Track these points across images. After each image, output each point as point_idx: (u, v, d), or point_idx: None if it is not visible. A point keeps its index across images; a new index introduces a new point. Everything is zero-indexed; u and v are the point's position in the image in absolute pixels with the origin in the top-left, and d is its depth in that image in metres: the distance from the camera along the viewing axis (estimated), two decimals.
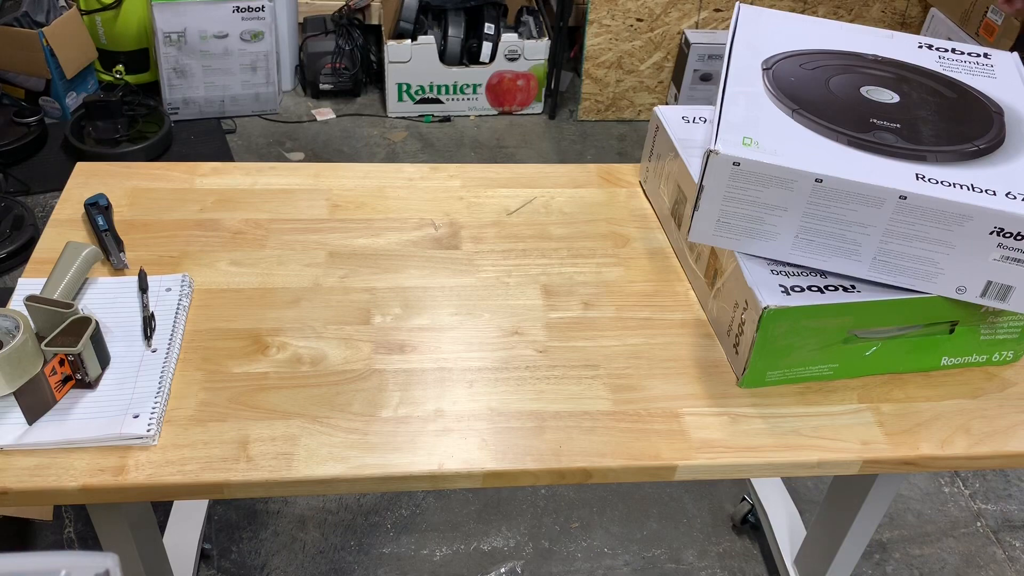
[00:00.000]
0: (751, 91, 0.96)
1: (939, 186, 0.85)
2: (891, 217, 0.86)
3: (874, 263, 0.89)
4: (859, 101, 0.97)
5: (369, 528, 1.63)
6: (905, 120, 0.94)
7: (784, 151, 0.87)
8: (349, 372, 0.90)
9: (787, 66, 1.02)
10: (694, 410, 0.88)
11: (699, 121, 1.13)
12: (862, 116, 0.94)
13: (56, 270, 0.94)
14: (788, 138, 0.89)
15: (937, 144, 0.91)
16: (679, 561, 1.62)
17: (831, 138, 0.90)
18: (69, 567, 0.59)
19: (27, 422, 0.80)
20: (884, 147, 0.90)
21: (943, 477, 1.83)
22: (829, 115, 0.93)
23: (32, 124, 2.55)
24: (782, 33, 1.07)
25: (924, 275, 0.88)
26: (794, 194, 0.87)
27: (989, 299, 0.88)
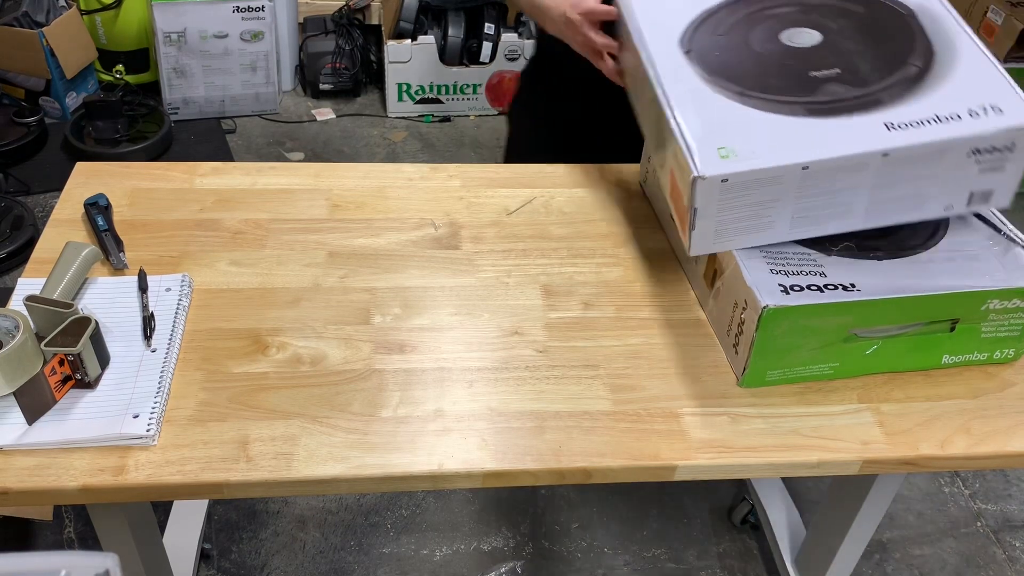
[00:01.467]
0: (690, 88, 0.94)
1: (910, 131, 0.88)
2: (876, 173, 0.88)
3: (867, 214, 0.92)
4: (788, 54, 0.97)
5: (369, 528, 1.63)
6: (839, 62, 0.95)
7: (761, 150, 0.88)
8: (349, 372, 0.90)
9: (703, 40, 0.99)
10: (694, 410, 0.88)
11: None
12: (801, 73, 0.94)
13: (56, 270, 0.93)
14: (755, 132, 0.89)
15: (882, 78, 0.93)
16: (679, 561, 1.62)
17: (790, 113, 0.90)
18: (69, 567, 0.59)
19: (27, 422, 0.80)
20: (841, 104, 0.91)
21: (943, 477, 1.83)
22: (773, 86, 0.93)
23: (32, 124, 2.55)
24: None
25: (914, 207, 0.92)
26: (784, 186, 0.88)
27: (974, 206, 0.93)
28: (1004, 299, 0.90)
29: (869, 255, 0.93)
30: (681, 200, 0.90)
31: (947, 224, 0.99)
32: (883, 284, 0.89)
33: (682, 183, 0.89)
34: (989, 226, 0.99)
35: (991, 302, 0.90)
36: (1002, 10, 2.49)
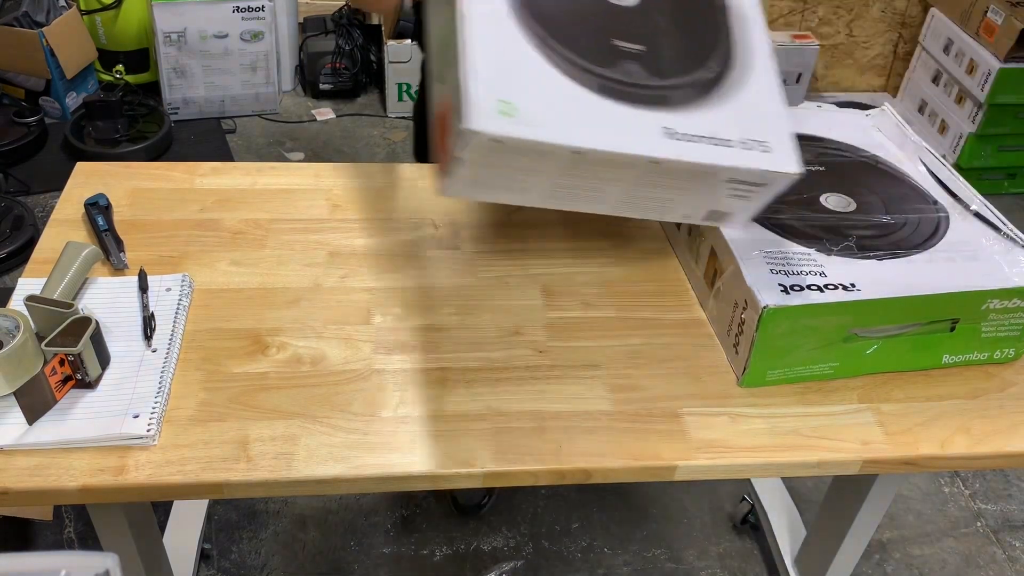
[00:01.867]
0: (494, 10, 0.84)
1: (685, 144, 0.87)
2: (641, 174, 0.88)
3: (617, 205, 0.92)
4: (603, 8, 0.91)
5: (369, 528, 1.63)
6: (647, 37, 0.91)
7: (542, 118, 0.82)
8: (349, 372, 0.90)
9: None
10: (694, 410, 0.88)
11: None
12: (607, 39, 0.90)
13: (56, 270, 0.93)
14: (542, 94, 0.83)
15: (678, 74, 0.91)
16: (679, 561, 1.62)
17: (583, 83, 0.86)
18: (69, 567, 0.59)
19: (27, 422, 0.80)
20: (633, 91, 0.88)
21: (943, 477, 1.83)
22: (577, 43, 0.87)
23: (32, 124, 2.55)
24: None
25: (659, 210, 0.93)
26: (552, 162, 0.85)
27: (709, 221, 0.94)
28: (1004, 299, 0.90)
29: (869, 255, 0.93)
30: (446, 134, 0.84)
31: (947, 224, 0.99)
32: (883, 284, 0.89)
33: (453, 120, 0.81)
34: (989, 226, 0.99)
35: (991, 302, 0.90)
36: (1002, 10, 2.49)
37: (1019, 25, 2.42)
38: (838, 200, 1.01)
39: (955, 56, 2.70)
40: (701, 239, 1.00)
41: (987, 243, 0.96)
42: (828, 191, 1.02)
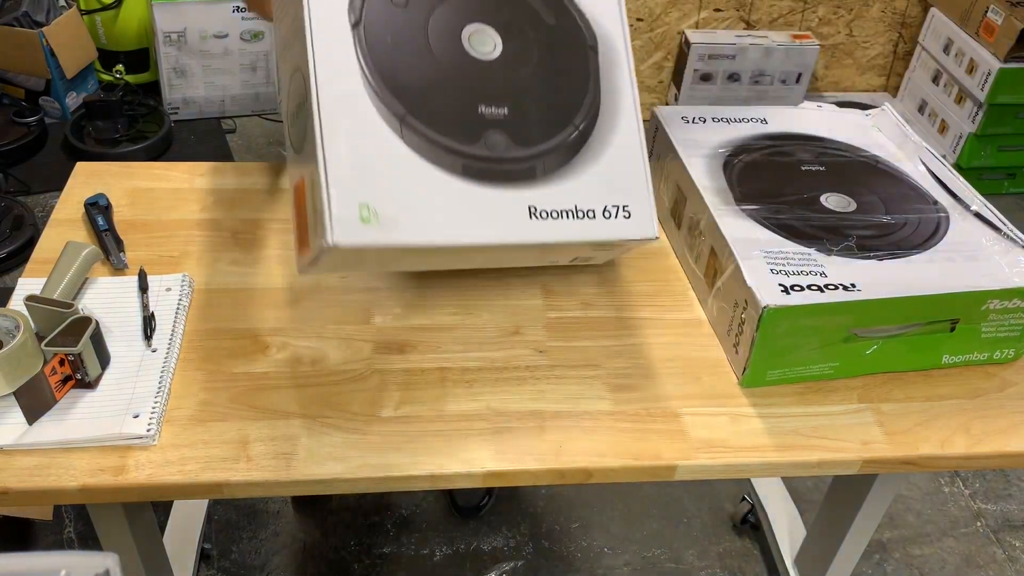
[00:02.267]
0: (349, 94, 0.78)
1: (549, 223, 0.85)
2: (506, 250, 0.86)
3: (486, 263, 0.93)
4: (465, 68, 0.84)
5: (369, 528, 1.63)
6: (510, 95, 0.86)
7: (403, 216, 0.79)
8: (349, 372, 0.90)
9: (377, 8, 0.81)
10: (694, 410, 0.88)
11: (699, 121, 1.13)
12: (470, 104, 0.85)
13: (56, 270, 0.93)
14: (404, 188, 0.79)
15: (543, 138, 0.87)
16: (679, 561, 1.62)
17: (447, 167, 0.82)
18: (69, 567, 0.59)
19: (27, 422, 0.80)
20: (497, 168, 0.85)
21: (943, 477, 1.83)
22: (439, 116, 0.82)
23: (32, 124, 2.55)
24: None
25: (527, 262, 0.95)
26: (415, 252, 0.82)
27: (571, 263, 0.96)
28: (1004, 299, 0.90)
29: (869, 255, 0.93)
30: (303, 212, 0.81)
31: (947, 224, 0.99)
32: (883, 284, 0.89)
33: (312, 217, 0.78)
34: (989, 226, 0.99)
35: (991, 302, 0.90)
36: (1002, 10, 2.49)
37: (1019, 25, 2.42)
38: (838, 200, 1.01)
39: (955, 56, 2.70)
40: (701, 239, 1.00)
41: (987, 243, 0.96)
42: (828, 191, 1.02)
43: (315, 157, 0.76)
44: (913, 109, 2.97)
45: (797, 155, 1.09)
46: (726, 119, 1.14)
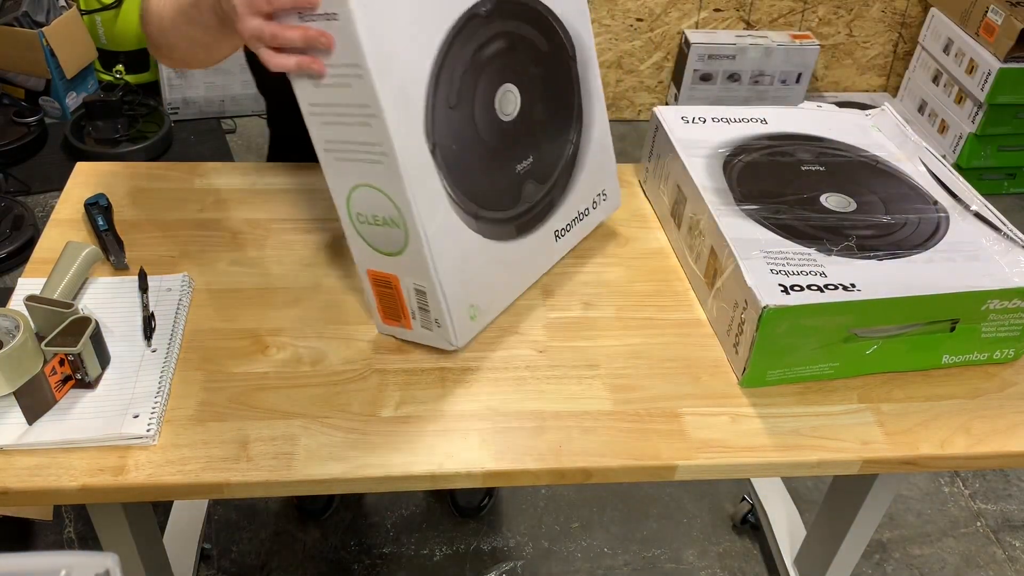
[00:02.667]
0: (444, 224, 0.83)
1: (566, 237, 1.01)
2: None
3: None
4: (503, 137, 0.89)
5: (369, 528, 1.63)
6: (532, 143, 0.93)
7: (491, 303, 0.93)
8: (349, 372, 0.90)
9: (442, 122, 0.81)
10: (694, 410, 0.88)
11: (699, 121, 1.13)
12: (510, 170, 0.91)
13: (56, 270, 0.93)
14: (489, 275, 0.91)
15: (554, 167, 0.97)
16: (679, 561, 1.62)
17: (506, 237, 0.92)
18: (69, 567, 0.59)
19: (27, 422, 0.80)
20: (535, 211, 0.95)
21: (943, 477, 1.83)
22: (493, 195, 0.88)
23: (32, 124, 2.55)
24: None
25: None
26: None
27: None
28: (1004, 299, 0.90)
29: (869, 255, 0.93)
30: (397, 304, 0.89)
31: (947, 224, 0.99)
32: (883, 284, 0.89)
33: (417, 312, 0.88)
34: (989, 226, 0.99)
35: (991, 302, 0.90)
36: (1002, 10, 2.49)
37: (1019, 25, 2.42)
38: (838, 200, 1.01)
39: (955, 56, 2.70)
40: (701, 239, 1.00)
41: (987, 243, 0.96)
42: (828, 191, 1.02)
43: (425, 274, 0.84)
44: (913, 109, 2.97)
45: (797, 155, 1.09)
46: (726, 119, 1.14)
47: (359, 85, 0.75)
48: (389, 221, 0.82)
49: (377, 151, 0.78)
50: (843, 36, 3.01)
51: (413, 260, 0.84)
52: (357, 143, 0.79)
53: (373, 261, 0.87)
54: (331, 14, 0.73)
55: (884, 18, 2.99)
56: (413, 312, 0.88)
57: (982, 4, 2.57)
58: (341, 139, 0.80)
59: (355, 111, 0.77)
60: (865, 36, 3.02)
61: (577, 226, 1.02)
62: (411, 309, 0.88)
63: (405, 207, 0.80)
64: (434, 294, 0.85)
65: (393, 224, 0.82)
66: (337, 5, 0.72)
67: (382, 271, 0.87)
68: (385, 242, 0.85)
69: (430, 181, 0.81)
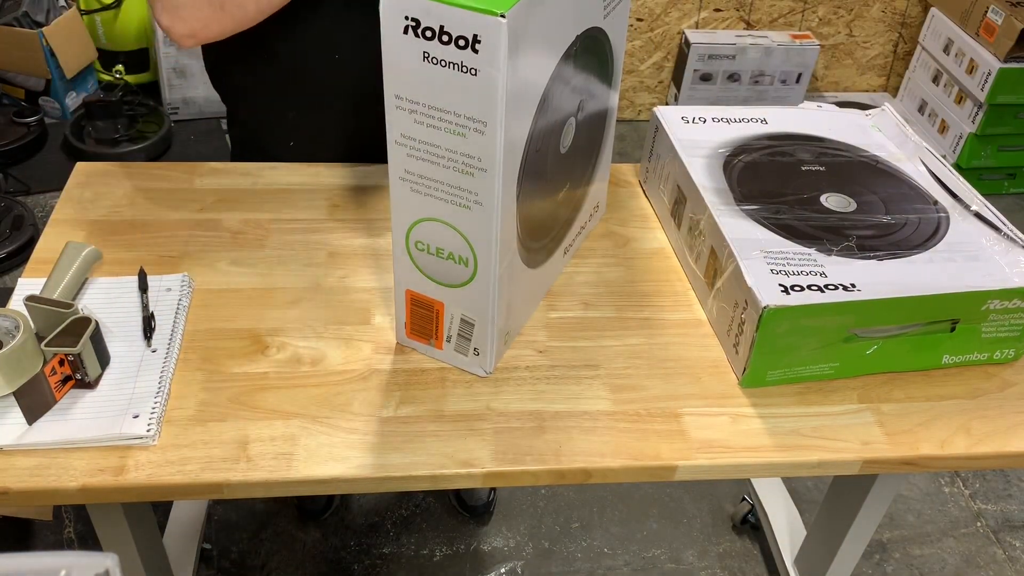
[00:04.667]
0: (510, 232, 0.82)
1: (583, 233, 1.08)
2: None
3: None
4: (556, 158, 0.88)
5: (369, 528, 1.63)
6: (571, 170, 0.94)
7: (515, 321, 0.93)
8: (349, 372, 0.90)
9: (530, 165, 0.80)
10: (694, 410, 0.88)
11: (699, 121, 1.13)
12: (556, 191, 0.91)
13: (56, 270, 0.93)
14: (521, 298, 0.92)
15: (585, 164, 0.98)
16: (679, 561, 1.62)
17: (540, 263, 0.94)
18: (69, 567, 0.59)
19: (27, 422, 0.80)
20: (554, 242, 0.97)
21: (943, 477, 1.83)
22: (540, 226, 0.89)
23: (32, 124, 2.55)
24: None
25: None
26: None
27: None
28: (1004, 299, 0.90)
29: (869, 255, 0.93)
30: (430, 322, 0.89)
31: (947, 224, 0.99)
32: (883, 284, 0.89)
33: (451, 334, 0.89)
34: (989, 226, 0.99)
35: (991, 302, 0.90)
36: (1002, 10, 2.49)
37: (1019, 25, 2.42)
38: (838, 200, 1.01)
39: (955, 56, 2.70)
40: (701, 239, 1.00)
41: (987, 243, 0.96)
42: (828, 191, 1.02)
43: (481, 310, 0.84)
44: (913, 109, 2.97)
45: (797, 155, 1.09)
46: (726, 119, 1.14)
47: (477, 139, 0.72)
48: (456, 258, 0.81)
49: (471, 199, 0.76)
50: (843, 36, 3.01)
51: (472, 295, 0.83)
52: (448, 185, 0.76)
53: (419, 285, 0.86)
54: (471, 68, 0.69)
55: (884, 18, 2.99)
56: (450, 336, 0.88)
57: (982, 4, 2.57)
58: (428, 176, 0.77)
59: (460, 159, 0.74)
60: (865, 36, 3.02)
61: (578, 240, 1.05)
62: (448, 335, 0.88)
63: (484, 251, 0.79)
64: (483, 327, 0.85)
65: (461, 262, 0.81)
66: (484, 64, 0.68)
67: (427, 296, 0.87)
68: (443, 274, 0.84)
69: (510, 224, 0.80)
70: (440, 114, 0.72)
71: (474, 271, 0.81)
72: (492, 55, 0.67)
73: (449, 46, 0.68)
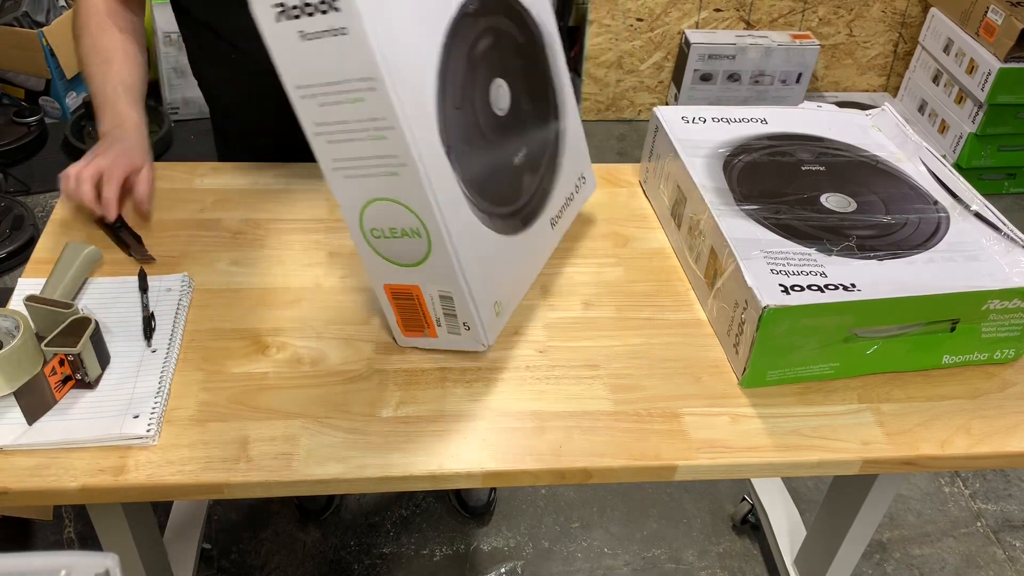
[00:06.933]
0: (465, 224, 0.83)
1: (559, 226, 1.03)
2: None
3: None
4: (502, 133, 0.90)
5: (369, 528, 1.63)
6: (521, 132, 0.93)
7: (511, 300, 0.95)
8: (349, 372, 0.90)
9: (453, 124, 0.81)
10: (694, 410, 0.88)
11: (699, 121, 1.13)
12: (511, 163, 0.91)
13: (56, 270, 0.93)
14: (507, 270, 0.92)
15: (541, 154, 0.97)
16: (679, 561, 1.62)
17: (515, 230, 0.93)
18: (69, 567, 0.59)
19: (27, 422, 0.80)
20: (533, 204, 0.96)
21: (943, 477, 1.83)
22: (502, 193, 0.90)
23: (32, 124, 2.55)
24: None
25: None
26: None
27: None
28: (1004, 299, 0.90)
29: (869, 255, 0.93)
30: (418, 315, 0.90)
31: (947, 224, 0.99)
32: (883, 284, 0.89)
33: (441, 318, 0.89)
34: (989, 226, 0.99)
35: (991, 302, 0.90)
36: (1002, 10, 2.49)
37: (1019, 25, 2.42)
38: (838, 200, 1.01)
39: (955, 56, 2.70)
40: (701, 239, 1.00)
41: (987, 243, 0.96)
42: (828, 191, 1.02)
43: (451, 279, 0.84)
44: (913, 109, 2.97)
45: (797, 155, 1.09)
46: (726, 119, 1.14)
47: (373, 98, 0.74)
48: (409, 231, 0.82)
49: (395, 163, 0.77)
50: (843, 36, 3.01)
51: (437, 267, 0.84)
52: (371, 157, 0.78)
53: (391, 275, 0.87)
54: (339, 29, 0.71)
55: (884, 18, 2.99)
56: (438, 319, 0.88)
57: (982, 4, 2.57)
58: (352, 156, 0.79)
59: (368, 125, 0.76)
60: (865, 36, 3.02)
61: (566, 211, 1.03)
62: (435, 317, 0.88)
63: (427, 215, 0.80)
64: (461, 297, 0.85)
65: (414, 234, 0.82)
66: (347, 19, 0.71)
67: (401, 284, 0.87)
68: (404, 253, 0.84)
69: (449, 185, 0.81)
70: (335, 87, 0.74)
71: (428, 241, 0.82)
72: (350, 5, 0.70)
73: (315, 16, 0.71)
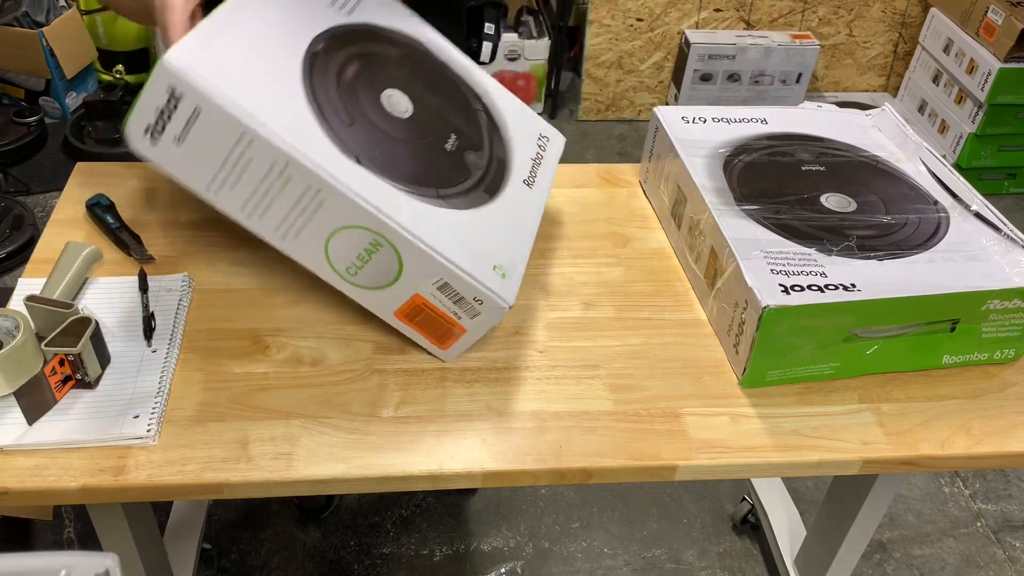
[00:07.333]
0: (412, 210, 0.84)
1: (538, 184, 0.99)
2: None
3: None
4: (405, 129, 0.91)
5: (369, 528, 1.63)
6: (446, 125, 0.94)
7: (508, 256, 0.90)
8: (349, 372, 0.90)
9: (352, 137, 0.84)
10: (694, 410, 0.88)
11: (699, 121, 1.13)
12: (438, 150, 0.92)
13: (56, 270, 0.93)
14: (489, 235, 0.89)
15: (481, 135, 0.97)
16: (679, 561, 1.62)
17: (478, 202, 0.91)
18: (69, 567, 0.59)
19: (27, 422, 0.80)
20: (490, 177, 0.94)
21: (943, 477, 1.83)
22: (441, 174, 0.90)
23: (32, 124, 2.55)
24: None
25: None
26: None
27: None
28: (1004, 299, 0.90)
29: (869, 255, 0.93)
30: (438, 323, 0.89)
31: (947, 224, 0.99)
32: (883, 284, 0.89)
33: (454, 309, 0.87)
34: (989, 226, 0.99)
35: (991, 302, 0.90)
36: (1002, 10, 2.49)
37: (1019, 25, 2.42)
38: (838, 200, 1.01)
39: (955, 56, 2.70)
40: (701, 239, 1.00)
41: (987, 243, 0.96)
42: (828, 191, 1.02)
43: (431, 264, 0.83)
44: (913, 109, 2.97)
45: (797, 155, 1.09)
46: (726, 119, 1.14)
47: (259, 150, 0.78)
48: (372, 246, 0.83)
49: (312, 193, 0.80)
50: (843, 36, 3.01)
51: (415, 262, 0.84)
52: (296, 203, 0.81)
53: (390, 301, 0.88)
54: (194, 112, 0.76)
55: (884, 18, 2.99)
56: (455, 313, 0.88)
57: (982, 4, 2.57)
58: (283, 214, 0.82)
59: (272, 177, 0.79)
60: (865, 36, 3.02)
61: (540, 170, 1.01)
62: (451, 312, 0.88)
63: (372, 220, 0.81)
64: (452, 274, 0.84)
65: (376, 247, 0.83)
66: (194, 100, 0.75)
67: (403, 303, 0.88)
68: (384, 272, 0.85)
69: (374, 187, 0.82)
70: (228, 164, 0.79)
71: (392, 245, 0.82)
72: (190, 87, 0.74)
73: (173, 116, 0.76)
